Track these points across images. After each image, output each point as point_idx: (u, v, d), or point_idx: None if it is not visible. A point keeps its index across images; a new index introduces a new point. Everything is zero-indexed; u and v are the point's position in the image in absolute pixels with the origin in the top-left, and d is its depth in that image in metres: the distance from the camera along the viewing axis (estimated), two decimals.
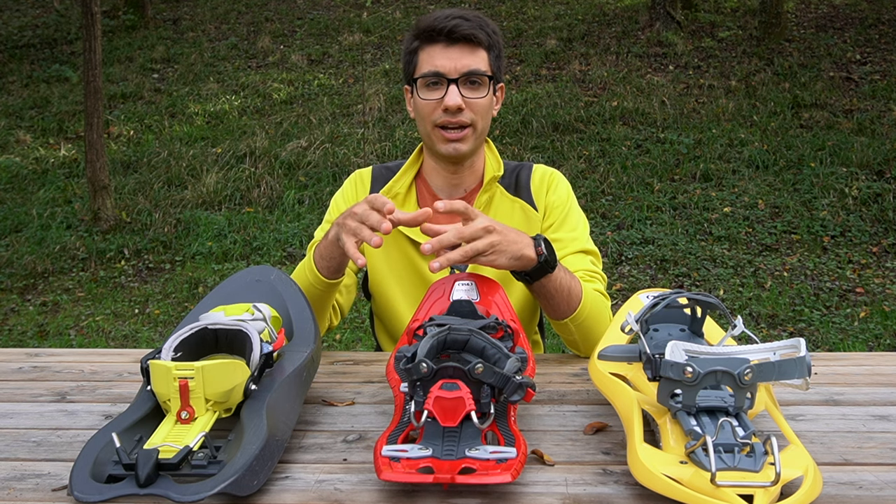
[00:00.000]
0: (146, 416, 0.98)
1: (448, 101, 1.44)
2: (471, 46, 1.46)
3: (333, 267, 1.37)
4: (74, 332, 4.62)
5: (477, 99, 1.46)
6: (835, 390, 1.21)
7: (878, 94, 7.32)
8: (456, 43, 1.45)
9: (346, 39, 9.50)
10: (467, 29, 1.45)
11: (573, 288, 1.34)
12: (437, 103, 1.46)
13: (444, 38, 1.45)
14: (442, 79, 1.45)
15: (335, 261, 1.36)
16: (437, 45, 1.46)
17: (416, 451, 0.88)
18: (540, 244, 1.26)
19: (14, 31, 10.58)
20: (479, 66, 1.46)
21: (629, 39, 8.88)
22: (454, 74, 1.44)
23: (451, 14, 1.47)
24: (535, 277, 1.28)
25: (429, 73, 1.46)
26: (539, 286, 1.30)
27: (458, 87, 1.45)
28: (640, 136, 6.90)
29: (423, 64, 1.47)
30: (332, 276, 1.39)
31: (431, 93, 1.47)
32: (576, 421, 1.08)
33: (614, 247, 5.32)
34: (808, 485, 0.81)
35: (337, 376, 1.31)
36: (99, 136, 5.84)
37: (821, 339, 4.16)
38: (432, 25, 1.46)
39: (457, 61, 1.45)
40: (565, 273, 1.33)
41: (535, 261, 1.25)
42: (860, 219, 5.54)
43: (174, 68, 9.12)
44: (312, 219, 5.88)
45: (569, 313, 1.35)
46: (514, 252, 1.22)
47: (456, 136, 1.47)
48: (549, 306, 1.36)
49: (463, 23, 1.45)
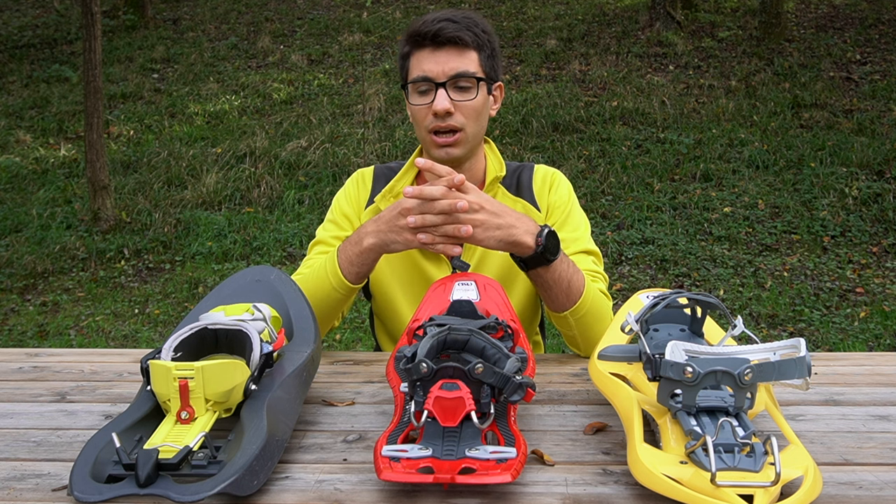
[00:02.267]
0: (146, 416, 0.98)
1: (436, 105, 1.43)
2: (458, 49, 1.45)
3: (364, 272, 1.38)
4: (74, 332, 4.63)
5: (466, 101, 1.45)
6: (835, 390, 1.21)
7: (878, 94, 7.32)
8: (443, 46, 1.44)
9: (346, 39, 9.50)
10: (453, 31, 1.44)
11: (573, 281, 1.34)
12: (427, 108, 1.46)
13: (430, 41, 1.45)
14: (430, 83, 1.45)
15: (366, 266, 1.36)
16: (424, 50, 1.46)
17: (416, 451, 0.88)
18: (542, 235, 1.26)
19: (14, 31, 10.58)
20: (468, 68, 1.45)
21: (629, 39, 8.88)
22: (441, 78, 1.44)
23: (438, 17, 1.46)
24: (530, 266, 1.29)
25: (417, 77, 1.46)
26: (535, 275, 1.32)
27: (447, 90, 1.44)
28: (640, 136, 6.90)
29: (413, 69, 1.47)
30: (359, 282, 1.40)
31: (422, 98, 1.47)
32: (576, 421, 1.08)
33: (614, 247, 5.32)
34: (808, 485, 0.81)
35: (337, 376, 1.31)
36: (99, 136, 5.84)
37: (821, 339, 4.16)
38: (419, 30, 1.46)
39: (444, 65, 1.44)
40: (567, 266, 1.33)
41: (532, 248, 1.26)
42: (860, 219, 5.54)
43: (174, 68, 9.12)
44: (312, 219, 5.88)
45: (568, 306, 1.36)
46: (502, 236, 1.24)
47: (446, 141, 1.47)
48: (547, 297, 1.37)
49: (449, 25, 1.44)
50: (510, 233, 1.24)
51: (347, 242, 1.37)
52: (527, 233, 1.26)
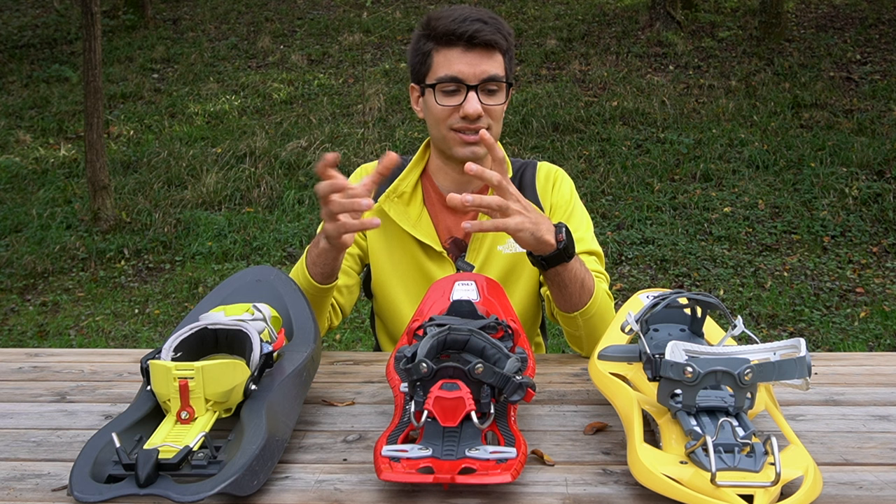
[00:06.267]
0: (146, 416, 0.98)
1: (468, 108, 1.41)
2: (489, 51, 1.43)
3: (327, 273, 1.36)
4: (74, 332, 4.62)
5: (495, 105, 1.44)
6: (835, 390, 1.21)
7: (878, 94, 7.32)
8: (475, 48, 1.42)
9: (346, 39, 9.49)
10: (488, 34, 1.41)
11: (586, 281, 1.33)
12: (453, 109, 1.44)
13: (465, 42, 1.42)
14: (460, 84, 1.42)
15: (328, 266, 1.35)
16: (454, 49, 1.43)
17: (416, 451, 0.88)
18: (561, 231, 1.25)
19: (14, 31, 10.57)
20: (498, 72, 1.43)
21: (629, 39, 8.88)
22: (474, 81, 1.42)
23: (468, 17, 1.43)
24: (551, 264, 1.28)
25: (446, 77, 1.43)
26: (554, 273, 1.30)
27: (478, 93, 1.42)
28: (640, 136, 6.90)
29: (440, 68, 1.44)
30: (325, 282, 1.38)
31: (449, 98, 1.44)
32: (576, 421, 1.08)
33: (614, 247, 5.32)
34: (808, 485, 0.81)
35: (337, 376, 1.31)
36: (99, 136, 5.84)
37: (821, 339, 4.16)
38: (451, 29, 1.42)
39: (476, 67, 1.42)
40: (581, 265, 1.32)
41: (553, 246, 1.24)
42: (860, 219, 5.54)
43: (174, 68, 9.12)
44: (312, 219, 5.88)
45: (580, 306, 1.35)
46: (534, 230, 1.21)
47: (475, 139, 1.45)
48: (561, 297, 1.35)
49: (483, 27, 1.41)
50: (539, 228, 1.22)
51: (312, 243, 1.37)
52: (549, 231, 1.24)
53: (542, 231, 1.22)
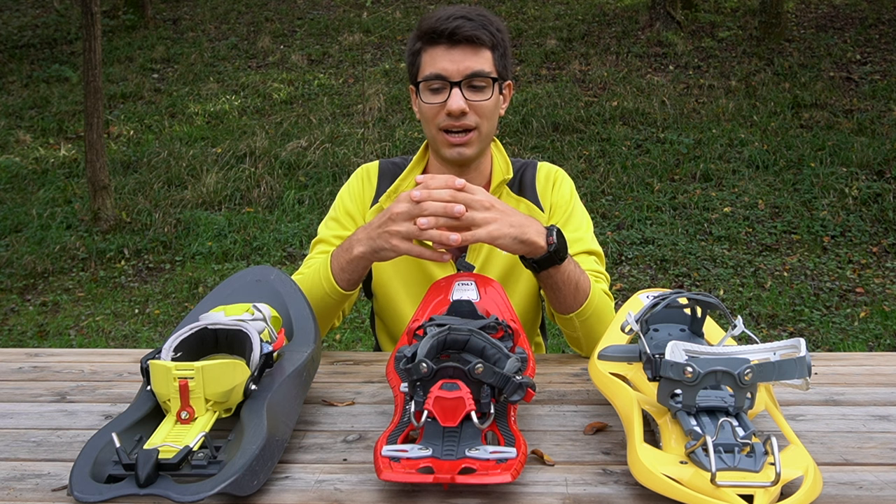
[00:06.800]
0: (146, 416, 0.98)
1: (451, 104, 1.41)
2: (474, 47, 1.43)
3: (354, 279, 1.36)
4: (74, 332, 4.62)
5: (481, 101, 1.44)
6: (835, 390, 1.21)
7: (878, 94, 7.32)
8: (458, 44, 1.42)
9: (346, 39, 9.49)
10: (469, 30, 1.41)
11: (581, 283, 1.33)
12: (440, 107, 1.44)
13: (446, 39, 1.42)
14: (444, 82, 1.43)
15: (357, 273, 1.35)
16: (439, 47, 1.43)
17: (416, 451, 0.88)
18: (552, 234, 1.25)
19: (14, 31, 10.57)
20: (483, 68, 1.43)
21: (629, 39, 8.88)
22: (457, 77, 1.42)
23: (453, 14, 1.43)
24: (542, 266, 1.27)
25: (431, 75, 1.43)
26: (546, 275, 1.30)
27: (462, 89, 1.42)
28: (640, 136, 6.90)
29: (426, 66, 1.45)
30: (351, 288, 1.38)
31: (435, 96, 1.44)
32: (576, 421, 1.08)
33: (614, 247, 5.32)
34: (808, 485, 0.81)
35: (337, 376, 1.31)
36: (99, 136, 5.84)
37: (821, 339, 4.16)
38: (434, 27, 1.43)
39: (459, 63, 1.42)
40: (575, 267, 1.32)
41: (543, 249, 1.24)
42: (860, 219, 5.54)
43: (174, 68, 9.12)
44: (312, 219, 5.88)
45: (575, 308, 1.35)
46: (517, 234, 1.21)
47: (460, 141, 1.45)
48: (555, 299, 1.35)
49: (465, 23, 1.42)
50: (523, 231, 1.22)
51: (340, 249, 1.36)
52: (538, 233, 1.24)
53: (530, 234, 1.22)
